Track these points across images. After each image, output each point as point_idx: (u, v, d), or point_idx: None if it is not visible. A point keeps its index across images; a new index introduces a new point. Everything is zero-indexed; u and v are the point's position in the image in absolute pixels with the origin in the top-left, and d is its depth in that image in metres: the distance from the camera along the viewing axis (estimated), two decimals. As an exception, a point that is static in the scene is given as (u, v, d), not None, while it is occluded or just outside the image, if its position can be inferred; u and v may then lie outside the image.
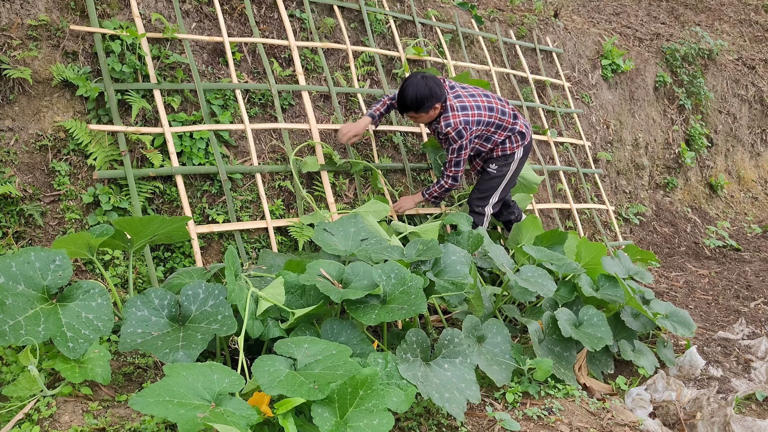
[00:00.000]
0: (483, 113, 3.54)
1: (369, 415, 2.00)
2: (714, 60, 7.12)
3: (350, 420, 2.00)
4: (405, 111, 3.52)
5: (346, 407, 2.03)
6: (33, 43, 3.14)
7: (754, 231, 6.60)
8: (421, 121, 3.57)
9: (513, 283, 3.12)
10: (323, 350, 2.19)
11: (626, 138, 6.15)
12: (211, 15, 3.82)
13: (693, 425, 2.64)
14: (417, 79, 3.40)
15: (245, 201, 3.56)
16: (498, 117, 3.60)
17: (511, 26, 5.62)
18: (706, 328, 3.98)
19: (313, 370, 2.08)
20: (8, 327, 2.11)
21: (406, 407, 2.14)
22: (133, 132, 3.23)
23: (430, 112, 3.49)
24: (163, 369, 1.97)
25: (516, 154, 3.72)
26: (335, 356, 2.15)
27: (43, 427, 2.05)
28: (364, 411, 2.02)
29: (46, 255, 2.28)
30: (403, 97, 3.44)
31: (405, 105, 3.46)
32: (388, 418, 1.99)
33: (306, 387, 1.95)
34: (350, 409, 2.03)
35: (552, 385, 2.72)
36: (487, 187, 3.77)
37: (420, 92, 3.39)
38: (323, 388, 1.94)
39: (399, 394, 2.18)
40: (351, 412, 2.02)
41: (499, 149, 3.71)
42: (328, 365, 2.10)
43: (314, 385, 1.96)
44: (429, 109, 3.45)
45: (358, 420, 1.99)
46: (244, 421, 1.84)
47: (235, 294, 2.31)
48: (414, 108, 3.44)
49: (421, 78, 3.41)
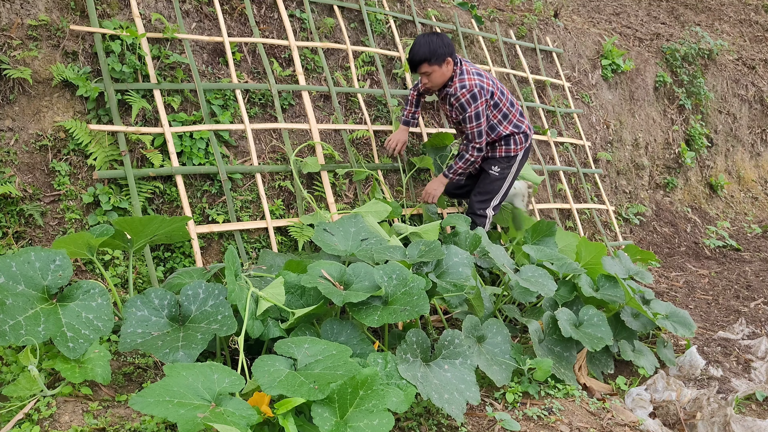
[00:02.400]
0: (496, 91, 3.54)
1: (369, 415, 2.00)
2: (714, 60, 7.12)
3: (350, 420, 1.99)
4: (418, 65, 3.39)
5: (346, 407, 2.03)
6: (33, 43, 3.14)
7: (754, 231, 6.60)
8: (435, 80, 3.45)
9: (513, 284, 3.12)
10: (323, 350, 2.19)
11: (626, 138, 6.15)
12: (211, 15, 3.82)
13: (693, 425, 2.64)
14: (427, 35, 3.39)
15: (245, 201, 3.56)
16: (506, 106, 3.59)
17: (511, 26, 5.62)
18: (706, 328, 3.98)
19: (314, 370, 2.08)
20: (8, 327, 2.11)
21: (405, 407, 2.14)
22: (133, 132, 3.23)
23: (443, 68, 3.40)
24: (163, 369, 1.97)
25: (518, 157, 3.71)
26: (335, 356, 2.15)
27: (43, 427, 2.05)
28: (364, 411, 2.02)
29: (46, 255, 2.28)
30: (416, 49, 3.35)
31: (418, 56, 3.35)
32: (388, 418, 1.99)
33: (306, 387, 1.95)
34: (350, 409, 2.03)
35: (552, 385, 2.72)
36: (489, 189, 3.74)
37: (433, 41, 3.33)
38: (323, 389, 1.94)
39: (399, 394, 2.17)
40: (351, 412, 2.02)
41: (503, 149, 3.67)
42: (328, 365, 2.10)
43: (314, 386, 1.96)
44: (442, 61, 3.37)
45: (358, 420, 1.99)
46: (244, 421, 1.84)
47: (235, 294, 2.31)
48: (427, 58, 3.34)
49: (431, 33, 3.40)
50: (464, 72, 3.45)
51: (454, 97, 3.44)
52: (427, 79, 3.46)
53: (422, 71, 3.43)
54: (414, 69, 3.44)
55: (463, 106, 3.44)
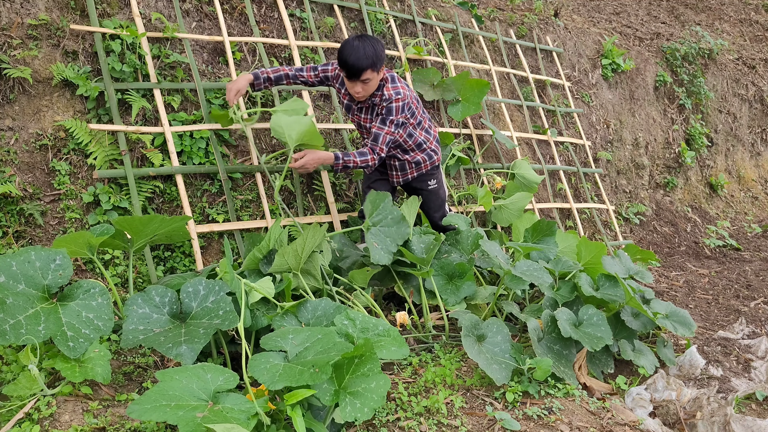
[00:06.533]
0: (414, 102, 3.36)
1: (366, 380, 2.10)
2: (714, 59, 7.12)
3: (349, 386, 2.09)
4: (362, 72, 3.03)
5: (343, 376, 2.11)
6: (33, 43, 3.14)
7: (754, 230, 6.60)
8: (370, 89, 3.14)
9: (506, 274, 3.10)
10: (309, 337, 2.22)
11: (626, 137, 6.15)
12: (211, 14, 3.82)
13: (693, 425, 2.64)
14: (364, 38, 3.05)
15: (245, 200, 3.56)
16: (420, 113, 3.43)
17: (511, 26, 5.62)
18: (706, 327, 3.98)
19: (307, 357, 2.10)
20: (9, 326, 2.11)
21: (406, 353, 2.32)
22: (133, 131, 3.23)
23: (379, 75, 3.13)
24: (156, 375, 1.98)
25: (440, 163, 3.66)
26: (322, 340, 2.18)
27: (43, 426, 2.05)
28: (361, 376, 2.11)
29: (46, 254, 2.29)
30: (360, 53, 3.00)
31: (365, 62, 3.01)
32: (384, 379, 2.10)
33: (307, 374, 1.97)
34: (347, 377, 2.11)
35: (552, 385, 2.71)
36: (439, 202, 3.68)
37: (376, 46, 3.04)
38: (325, 369, 1.97)
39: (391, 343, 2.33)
40: (348, 379, 2.11)
41: (428, 164, 3.54)
42: (319, 350, 2.12)
43: (314, 369, 1.98)
44: (381, 67, 3.10)
45: (357, 385, 2.09)
46: (244, 415, 1.86)
47: (233, 283, 2.41)
48: (373, 63, 3.03)
49: (364, 36, 3.08)
50: (395, 80, 3.23)
51: (386, 101, 3.19)
52: (363, 87, 3.12)
53: (364, 78, 3.08)
54: (357, 76, 3.06)
55: (391, 111, 3.19)
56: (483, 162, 4.73)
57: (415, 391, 2.55)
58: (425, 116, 3.50)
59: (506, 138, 4.66)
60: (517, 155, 4.95)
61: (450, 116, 4.58)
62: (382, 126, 3.20)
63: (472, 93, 4.48)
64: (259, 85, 3.33)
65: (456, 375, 2.73)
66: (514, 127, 5.14)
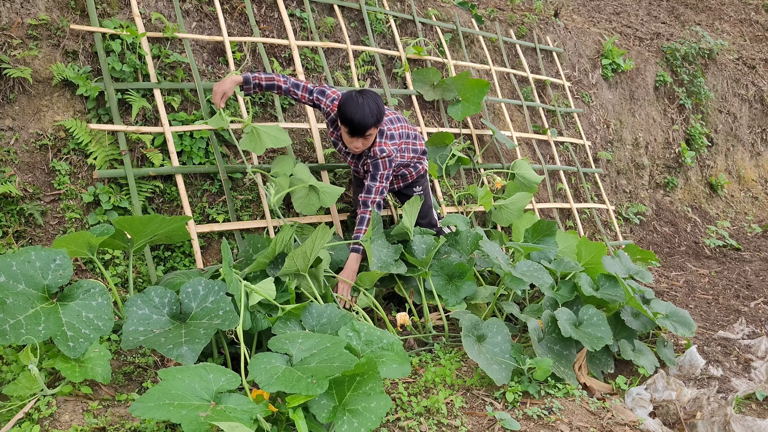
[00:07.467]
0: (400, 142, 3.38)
1: (367, 399, 2.05)
2: (714, 59, 7.12)
3: (348, 404, 2.05)
4: (366, 130, 3.04)
5: (344, 392, 2.07)
6: (33, 43, 3.14)
7: (754, 230, 6.60)
8: (368, 142, 3.15)
9: (506, 274, 3.10)
10: (317, 344, 2.20)
11: (626, 137, 6.15)
12: (212, 14, 3.82)
13: (693, 425, 2.64)
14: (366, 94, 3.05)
15: (245, 200, 3.56)
16: (412, 142, 3.48)
17: (512, 26, 5.62)
18: (706, 327, 3.98)
19: (310, 364, 2.09)
20: (9, 326, 2.11)
21: (407, 372, 2.26)
22: (133, 131, 3.23)
23: (377, 129, 3.14)
24: (158, 374, 1.98)
25: (427, 171, 3.69)
26: (330, 349, 2.16)
27: (43, 426, 2.05)
28: (362, 394, 2.06)
29: (46, 254, 2.29)
30: (367, 111, 2.99)
31: (372, 120, 3.02)
32: (385, 400, 2.05)
33: (304, 382, 1.96)
34: (348, 393, 2.07)
35: (552, 385, 2.71)
36: (425, 206, 3.67)
37: (378, 102, 3.04)
38: (321, 383, 1.95)
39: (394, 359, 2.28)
40: (349, 396, 2.07)
41: (414, 173, 3.59)
42: (323, 358, 2.11)
43: (312, 380, 1.97)
44: (381, 122, 3.12)
45: (356, 404, 2.04)
46: (247, 416, 1.86)
47: (233, 285, 2.39)
48: (377, 121, 3.04)
49: (366, 91, 3.09)
50: (383, 134, 3.23)
51: (371, 159, 3.22)
52: (363, 142, 3.12)
53: (367, 134, 3.07)
54: (362, 133, 3.04)
55: (378, 166, 3.23)
56: (483, 162, 4.73)
57: (415, 391, 2.56)
58: (410, 139, 3.48)
59: (506, 138, 4.66)
60: (517, 155, 4.95)
61: (450, 116, 4.58)
62: (373, 182, 3.25)
63: (472, 93, 4.48)
64: (248, 90, 3.26)
65: (456, 375, 2.73)
66: (514, 127, 5.14)
